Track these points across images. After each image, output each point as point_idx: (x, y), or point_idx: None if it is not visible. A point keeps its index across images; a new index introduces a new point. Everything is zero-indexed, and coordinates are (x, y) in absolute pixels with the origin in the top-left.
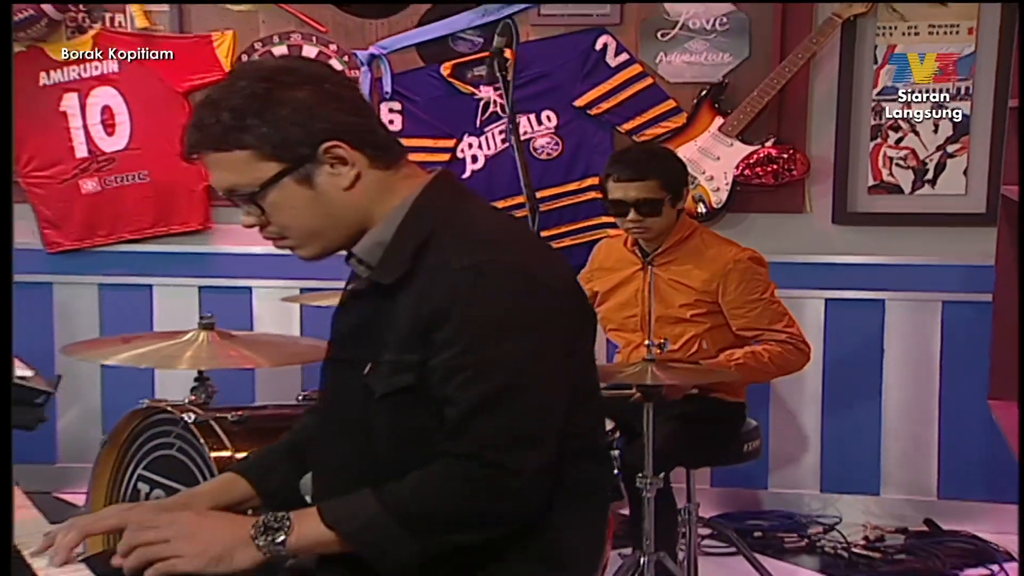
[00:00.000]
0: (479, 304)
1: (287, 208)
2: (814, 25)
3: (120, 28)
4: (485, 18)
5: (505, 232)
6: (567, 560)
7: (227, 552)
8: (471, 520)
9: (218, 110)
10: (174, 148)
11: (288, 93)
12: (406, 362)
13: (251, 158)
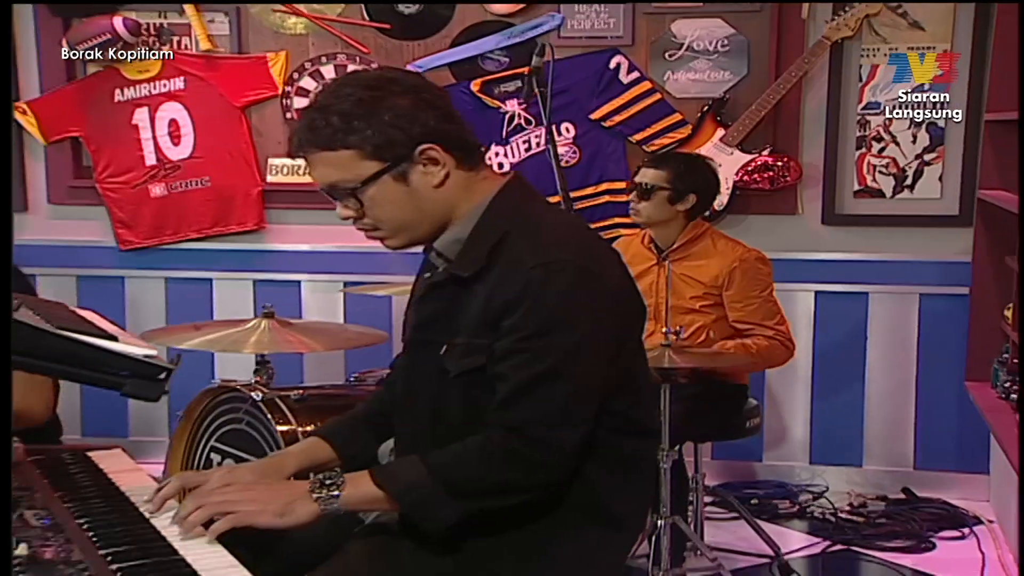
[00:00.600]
0: (545, 298)
1: (383, 203)
2: (806, 46)
3: (186, 50)
4: (510, 40)
5: (571, 233)
6: (616, 520)
7: (289, 506)
8: (505, 487)
9: (328, 114)
10: (232, 156)
11: (391, 100)
12: (478, 345)
13: (355, 157)
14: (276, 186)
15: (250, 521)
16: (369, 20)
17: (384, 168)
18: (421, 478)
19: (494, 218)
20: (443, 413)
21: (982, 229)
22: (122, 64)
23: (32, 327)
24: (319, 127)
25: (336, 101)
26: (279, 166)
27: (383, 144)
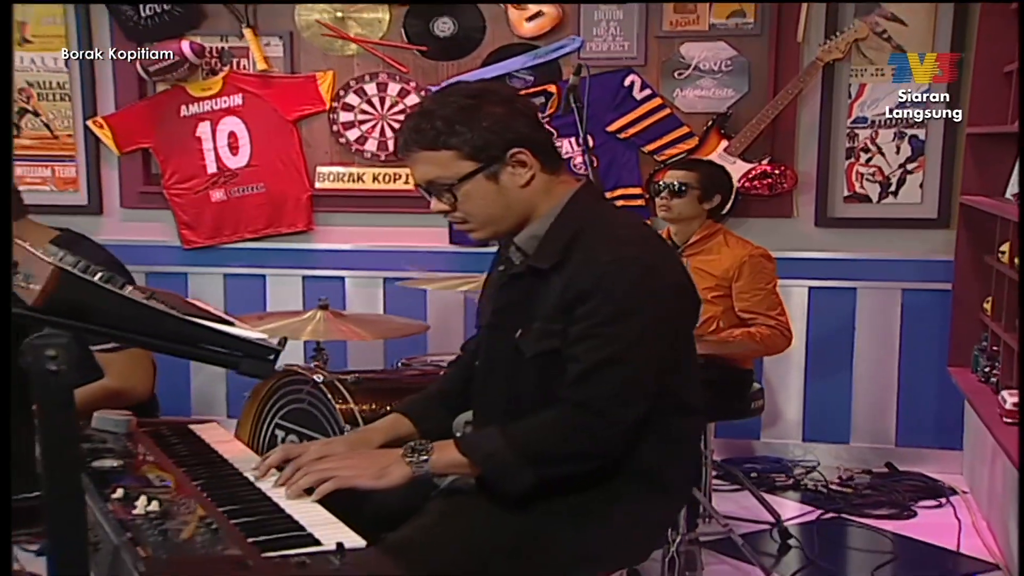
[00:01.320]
0: (615, 290)
1: (475, 198)
2: (801, 67)
3: (244, 70)
4: (535, 60)
5: (637, 233)
6: (665, 487)
7: (385, 470)
8: (573, 456)
9: (433, 118)
10: (284, 165)
11: (488, 108)
12: (554, 330)
13: (453, 157)
14: (323, 192)
15: (351, 484)
16: (408, 43)
17: (478, 168)
18: (500, 447)
19: (569, 217)
20: (517, 389)
21: (963, 230)
22: (187, 83)
23: (163, 312)
24: (424, 129)
25: (440, 107)
26: (326, 173)
27: (479, 146)
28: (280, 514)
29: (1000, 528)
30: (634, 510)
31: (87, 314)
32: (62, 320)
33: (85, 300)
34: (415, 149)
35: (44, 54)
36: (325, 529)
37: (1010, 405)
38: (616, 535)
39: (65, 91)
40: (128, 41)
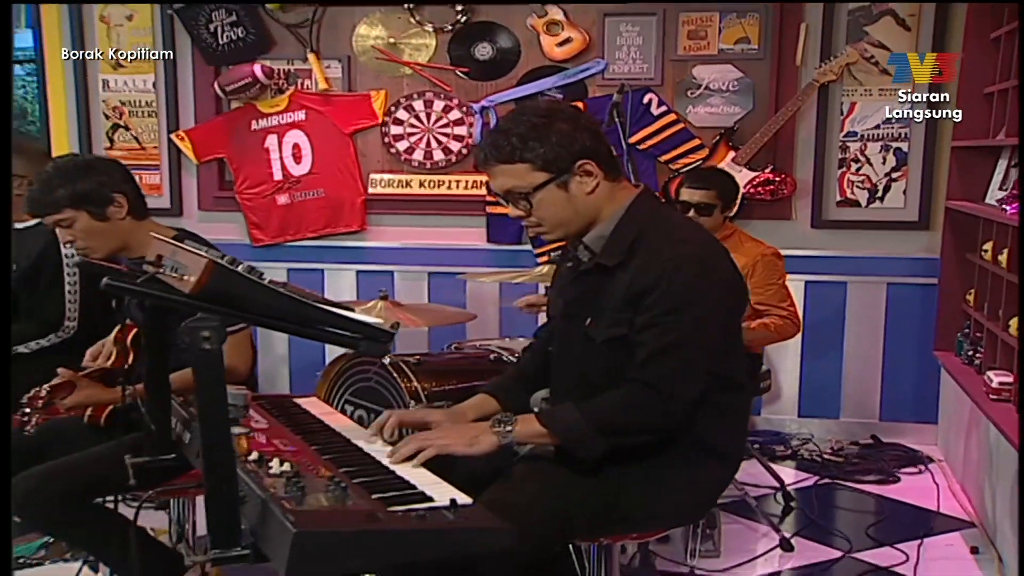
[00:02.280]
0: (675, 284)
1: (548, 205)
2: (799, 87)
3: (307, 89)
4: (564, 80)
5: (692, 233)
6: (720, 455)
7: (475, 439)
8: (640, 428)
9: (509, 136)
10: (342, 172)
11: (558, 125)
12: (621, 319)
13: (528, 169)
14: (376, 196)
15: (447, 451)
16: (452, 65)
17: (550, 178)
18: (576, 420)
19: (632, 219)
20: (587, 371)
21: (948, 231)
22: (258, 101)
23: (297, 299)
24: (501, 146)
25: (515, 126)
26: (378, 180)
27: (551, 159)
28: (393, 475)
29: (974, 491)
30: (693, 475)
31: (234, 301)
32: (214, 306)
33: (233, 289)
34: (494, 163)
35: (135, 76)
36: (434, 488)
37: (996, 384)
38: (678, 496)
39: (152, 108)
40: (207, 65)
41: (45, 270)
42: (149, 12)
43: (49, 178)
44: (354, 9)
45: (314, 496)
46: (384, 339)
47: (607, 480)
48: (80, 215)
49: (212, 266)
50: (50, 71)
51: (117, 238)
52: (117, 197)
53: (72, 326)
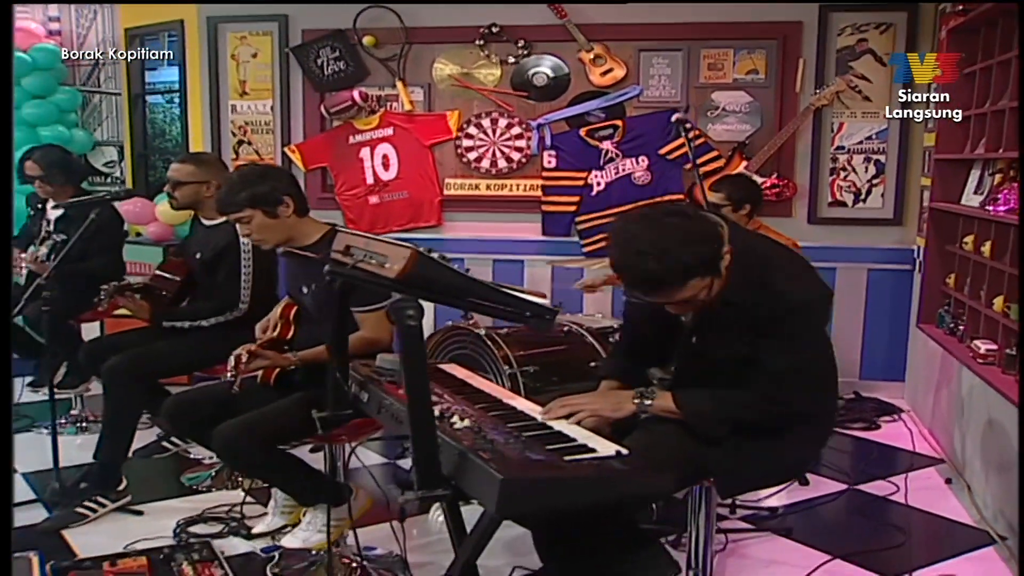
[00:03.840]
0: (799, 317)
1: (705, 288)
2: (798, 110)
3: (395, 110)
4: (606, 103)
5: (796, 267)
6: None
7: (619, 405)
8: (757, 423)
9: (669, 274)
10: (422, 178)
11: (697, 237)
12: (744, 341)
13: (696, 282)
14: (450, 197)
15: (596, 414)
16: (514, 90)
17: (710, 278)
18: (708, 410)
19: (745, 262)
20: (709, 378)
21: (932, 227)
22: (355, 120)
23: (479, 282)
24: (664, 286)
25: (660, 265)
26: (452, 183)
27: (706, 266)
28: (555, 432)
29: (942, 435)
30: (798, 440)
31: (431, 284)
32: (415, 289)
33: (431, 274)
34: (660, 300)
35: (256, 102)
36: (594, 442)
37: (984, 351)
38: (785, 457)
39: (269, 127)
40: (315, 91)
41: (226, 261)
42: (269, 50)
43: (233, 184)
44: (434, 45)
45: (502, 447)
46: (549, 315)
47: (719, 446)
48: (256, 213)
49: (415, 255)
50: (191, 99)
51: (285, 232)
52: (286, 199)
53: (244, 306)
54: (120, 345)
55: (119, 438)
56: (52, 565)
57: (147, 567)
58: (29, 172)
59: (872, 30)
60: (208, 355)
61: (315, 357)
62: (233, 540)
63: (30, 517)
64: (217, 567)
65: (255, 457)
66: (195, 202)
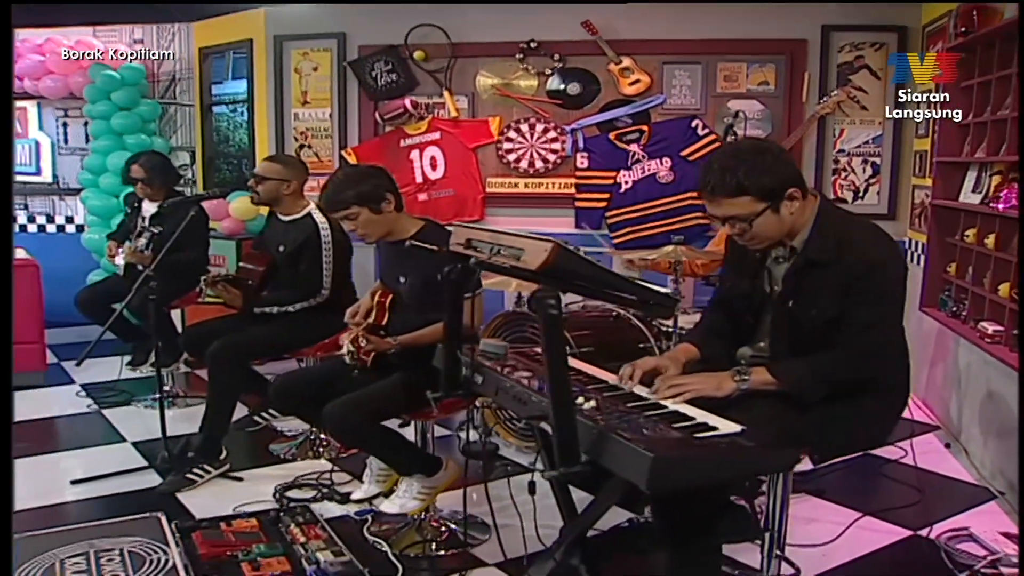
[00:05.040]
0: (878, 276)
1: (763, 226)
2: (804, 118)
3: (442, 117)
4: (633, 109)
5: (877, 232)
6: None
7: (720, 384)
8: (851, 379)
9: (734, 173)
10: (466, 177)
11: (769, 162)
12: (834, 302)
13: (750, 201)
14: (492, 194)
15: (700, 393)
16: (550, 98)
17: (767, 207)
18: (805, 375)
19: (827, 224)
20: (799, 340)
21: (934, 221)
22: (405, 125)
23: (611, 272)
24: (727, 182)
25: (736, 164)
26: (494, 182)
27: (768, 191)
28: (670, 411)
29: (936, 404)
30: (878, 405)
31: (569, 275)
32: (555, 280)
33: (570, 266)
34: (720, 196)
35: (316, 109)
36: (713, 420)
37: (991, 332)
38: (869, 422)
39: (328, 132)
40: (369, 100)
41: (308, 252)
42: (329, 64)
43: (339, 183)
44: (477, 59)
45: (636, 426)
46: (670, 304)
47: (816, 411)
48: (363, 210)
49: (557, 247)
50: (257, 108)
51: (387, 226)
52: (388, 195)
53: (327, 292)
54: (217, 331)
55: (221, 413)
56: (176, 524)
57: (258, 527)
58: (134, 175)
59: (867, 48)
60: (297, 339)
61: (413, 341)
62: (327, 504)
63: (145, 481)
64: (320, 529)
65: (362, 432)
66: (275, 198)
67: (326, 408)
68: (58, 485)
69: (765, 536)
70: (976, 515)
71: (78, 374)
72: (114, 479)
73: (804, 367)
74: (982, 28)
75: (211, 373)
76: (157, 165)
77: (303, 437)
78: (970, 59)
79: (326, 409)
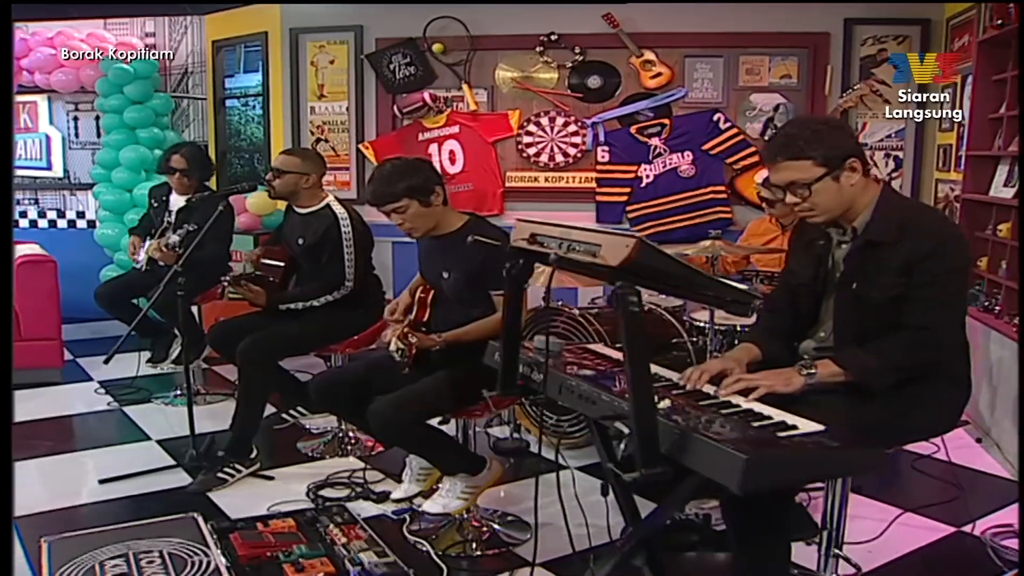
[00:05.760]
0: (945, 255)
1: (822, 194)
2: (827, 111)
3: (460, 110)
4: (654, 103)
5: (941, 216)
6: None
7: (789, 380)
8: (920, 363)
9: (797, 138)
10: (486, 171)
11: (834, 131)
12: (898, 283)
13: (811, 165)
14: (511, 188)
15: (770, 390)
16: (570, 91)
17: (826, 173)
18: (872, 363)
19: (889, 206)
20: (862, 323)
21: (964, 216)
22: (424, 119)
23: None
24: (791, 145)
25: (801, 130)
26: (513, 176)
27: (829, 157)
28: (743, 409)
29: None
30: (943, 393)
31: (651, 272)
32: (636, 277)
33: (652, 262)
34: (782, 159)
35: (333, 103)
36: (788, 417)
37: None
38: (933, 413)
39: (345, 126)
40: (387, 93)
41: (329, 244)
42: (346, 57)
43: (388, 175)
44: (496, 51)
45: (718, 426)
46: (749, 302)
47: (880, 402)
48: (412, 203)
49: (640, 243)
50: (273, 102)
51: (433, 220)
52: (437, 188)
53: (350, 284)
54: (245, 328)
55: (252, 412)
56: (212, 524)
57: (296, 527)
58: (175, 164)
59: (891, 41)
60: (327, 335)
61: (458, 337)
62: (363, 503)
63: (174, 480)
64: (360, 529)
65: (409, 431)
66: (293, 192)
67: (372, 407)
68: (86, 484)
69: (823, 534)
70: (1016, 511)
71: (95, 371)
72: (142, 478)
73: (870, 354)
74: (1020, 20)
75: (241, 371)
76: (198, 157)
77: (331, 435)
78: (1003, 52)
79: (372, 408)
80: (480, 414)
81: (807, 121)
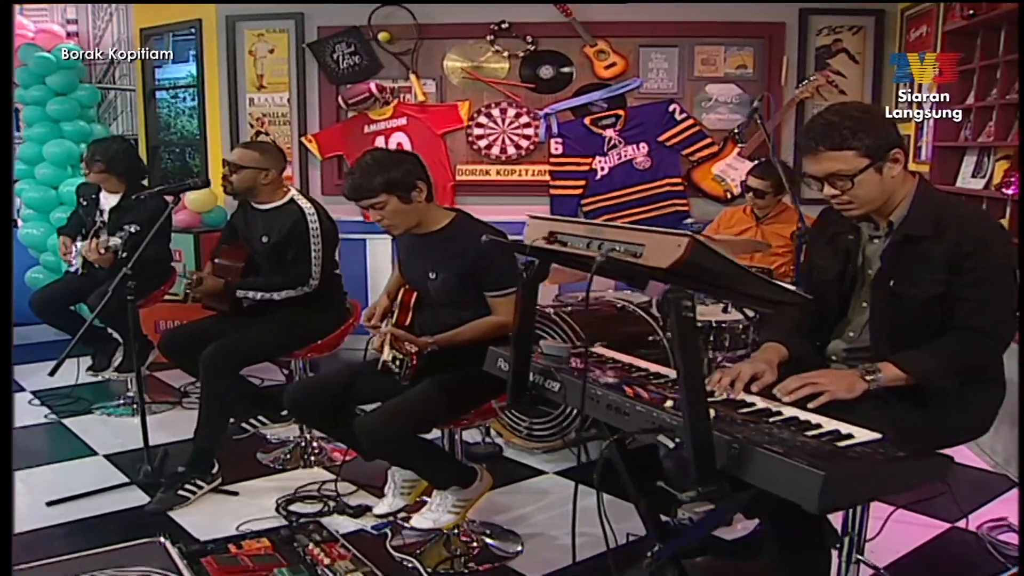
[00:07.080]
0: (992, 250)
1: (864, 186)
2: (783, 102)
3: (408, 101)
4: (608, 93)
5: (981, 211)
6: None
7: (852, 385)
8: (976, 364)
9: (839, 127)
10: (435, 164)
11: (877, 120)
12: (939, 280)
13: (854, 155)
14: (462, 182)
15: (835, 396)
16: (522, 82)
17: (870, 163)
18: (933, 365)
19: (927, 200)
20: (901, 323)
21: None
22: (370, 110)
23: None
24: (832, 135)
25: (842, 119)
26: (464, 169)
27: (873, 148)
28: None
29: None
30: (983, 394)
31: (704, 273)
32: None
33: (706, 263)
34: (823, 149)
35: (273, 94)
36: (841, 426)
37: None
38: (974, 415)
39: (286, 118)
40: (331, 84)
41: (295, 241)
42: (286, 46)
43: (367, 168)
44: (445, 40)
45: (774, 438)
46: (797, 301)
47: (932, 404)
48: (391, 199)
49: (693, 242)
50: (208, 93)
51: (414, 217)
52: (419, 184)
53: (315, 282)
54: (200, 334)
55: (216, 423)
56: (180, 548)
57: (271, 548)
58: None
59: (845, 31)
60: (292, 339)
61: (450, 340)
62: (338, 518)
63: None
64: (342, 548)
65: (400, 443)
66: (250, 188)
67: (360, 419)
68: (32, 508)
69: (844, 540)
70: (1005, 503)
71: (27, 380)
72: (94, 498)
73: (928, 356)
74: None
75: (205, 380)
76: (118, 154)
77: (293, 444)
78: (971, 43)
79: (360, 420)
80: (470, 423)
81: (846, 108)
